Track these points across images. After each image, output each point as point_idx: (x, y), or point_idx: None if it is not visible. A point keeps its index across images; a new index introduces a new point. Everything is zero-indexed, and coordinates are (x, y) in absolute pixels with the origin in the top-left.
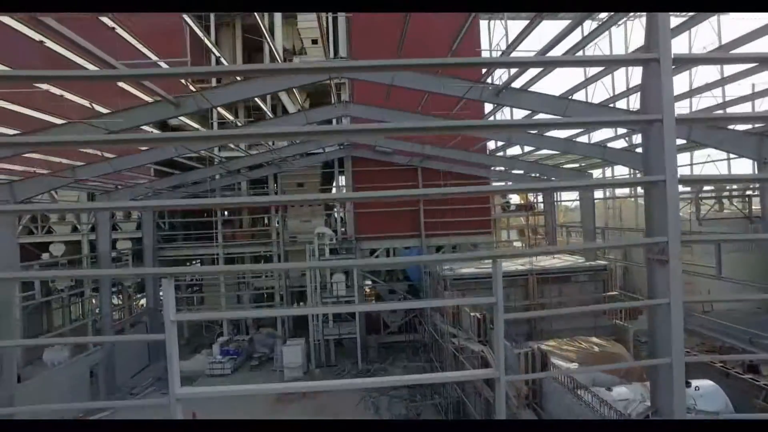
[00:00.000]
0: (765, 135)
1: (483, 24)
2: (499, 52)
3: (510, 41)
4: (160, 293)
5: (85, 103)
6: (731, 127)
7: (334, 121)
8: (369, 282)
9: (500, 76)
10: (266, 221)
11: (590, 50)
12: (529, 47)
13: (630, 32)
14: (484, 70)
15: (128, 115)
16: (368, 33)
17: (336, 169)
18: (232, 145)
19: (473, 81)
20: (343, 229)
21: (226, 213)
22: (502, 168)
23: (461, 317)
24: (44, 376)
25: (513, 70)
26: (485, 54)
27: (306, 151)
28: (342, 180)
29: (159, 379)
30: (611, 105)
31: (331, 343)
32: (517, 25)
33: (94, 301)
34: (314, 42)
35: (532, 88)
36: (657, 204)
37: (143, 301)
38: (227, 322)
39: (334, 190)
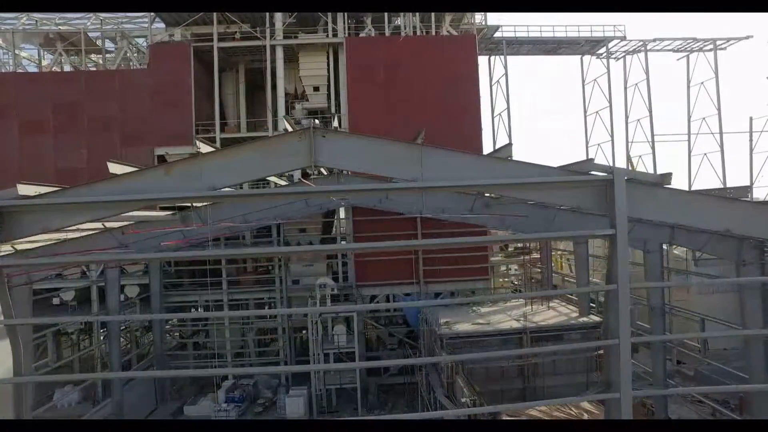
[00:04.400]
0: (744, 238)
1: (482, 60)
2: (499, 88)
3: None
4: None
5: None
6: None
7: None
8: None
9: (500, 113)
10: (269, 268)
11: (589, 86)
12: (529, 69)
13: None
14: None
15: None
16: (365, 78)
17: (337, 219)
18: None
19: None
20: (344, 273)
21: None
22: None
23: (455, 389)
24: None
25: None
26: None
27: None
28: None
29: None
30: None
31: (333, 391)
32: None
33: (102, 337)
34: (316, 89)
35: None
36: (612, 255)
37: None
38: (231, 365)
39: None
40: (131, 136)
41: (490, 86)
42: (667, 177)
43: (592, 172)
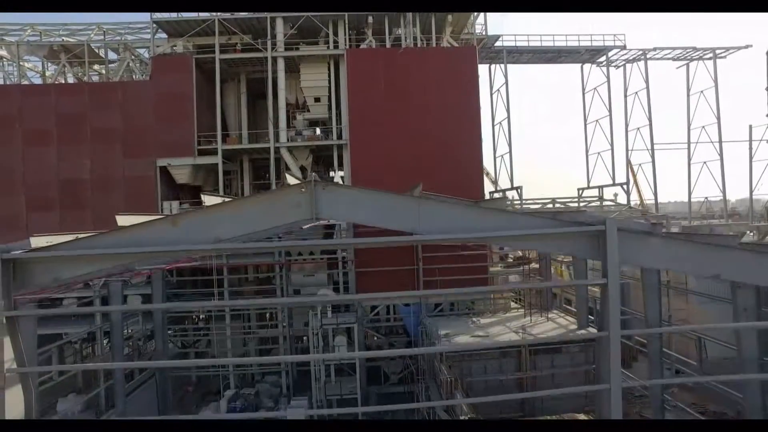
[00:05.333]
0: (738, 285)
1: (483, 68)
2: (499, 96)
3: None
4: (170, 345)
5: None
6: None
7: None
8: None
9: (500, 122)
10: (271, 277)
11: (589, 94)
12: (529, 79)
13: (629, 77)
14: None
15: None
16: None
17: (338, 242)
18: None
19: None
20: (345, 283)
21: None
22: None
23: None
24: None
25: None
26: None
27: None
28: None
29: None
30: None
31: (334, 401)
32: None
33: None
34: (317, 100)
35: None
36: (603, 302)
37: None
38: (233, 375)
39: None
40: (134, 147)
41: (491, 95)
42: (657, 226)
43: (586, 222)
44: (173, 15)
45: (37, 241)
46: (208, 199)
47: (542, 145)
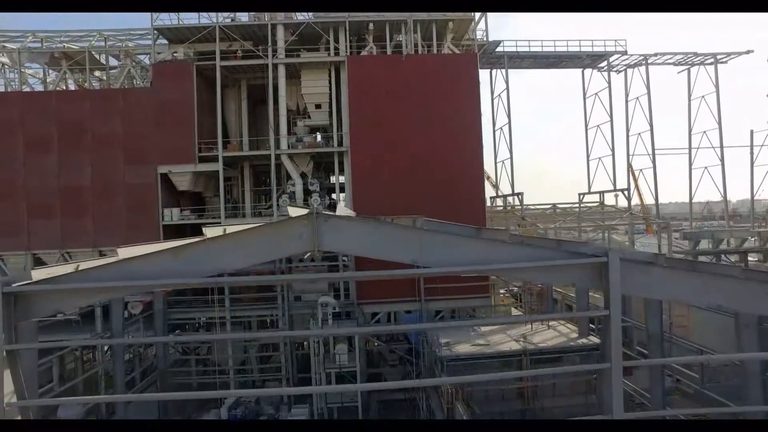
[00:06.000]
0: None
1: (484, 73)
2: (500, 101)
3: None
4: (171, 351)
5: None
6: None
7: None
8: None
9: (501, 127)
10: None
11: (590, 99)
12: (530, 90)
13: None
14: None
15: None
16: (366, 96)
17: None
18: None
19: None
20: (346, 291)
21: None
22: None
23: (455, 414)
24: None
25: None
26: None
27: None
28: None
29: None
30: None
31: (335, 409)
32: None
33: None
34: (317, 107)
35: None
36: (605, 334)
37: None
38: (234, 382)
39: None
40: (134, 154)
41: (492, 100)
42: (660, 257)
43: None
44: (174, 21)
45: (38, 274)
46: (209, 231)
47: (543, 151)
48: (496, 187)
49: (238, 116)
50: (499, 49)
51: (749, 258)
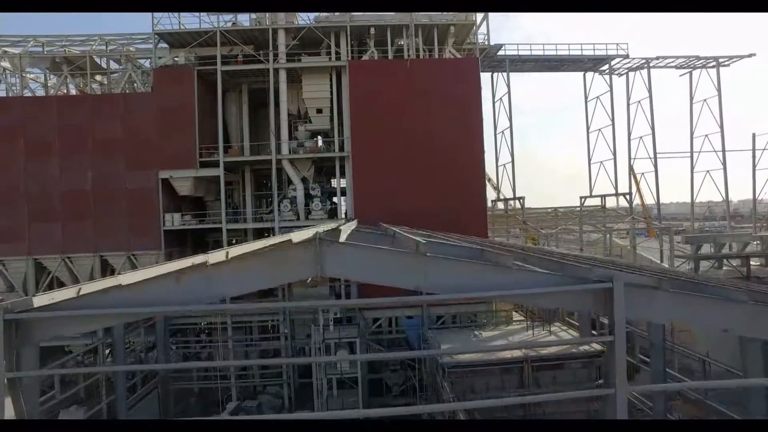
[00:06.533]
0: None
1: (485, 76)
2: (501, 104)
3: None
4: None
5: None
6: None
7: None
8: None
9: (503, 131)
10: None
11: (591, 102)
12: (531, 94)
13: (632, 85)
14: None
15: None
16: (368, 101)
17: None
18: None
19: None
20: (347, 295)
21: None
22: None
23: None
24: None
25: None
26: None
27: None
28: None
29: None
30: None
31: None
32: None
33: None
34: (319, 111)
35: None
36: (609, 360)
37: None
38: (235, 387)
39: None
40: (136, 159)
41: (493, 103)
42: (664, 282)
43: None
44: (175, 26)
45: (40, 300)
46: (212, 257)
47: (544, 155)
48: (497, 189)
49: (239, 120)
50: (500, 52)
51: (752, 262)
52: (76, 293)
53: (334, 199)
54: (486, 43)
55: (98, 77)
